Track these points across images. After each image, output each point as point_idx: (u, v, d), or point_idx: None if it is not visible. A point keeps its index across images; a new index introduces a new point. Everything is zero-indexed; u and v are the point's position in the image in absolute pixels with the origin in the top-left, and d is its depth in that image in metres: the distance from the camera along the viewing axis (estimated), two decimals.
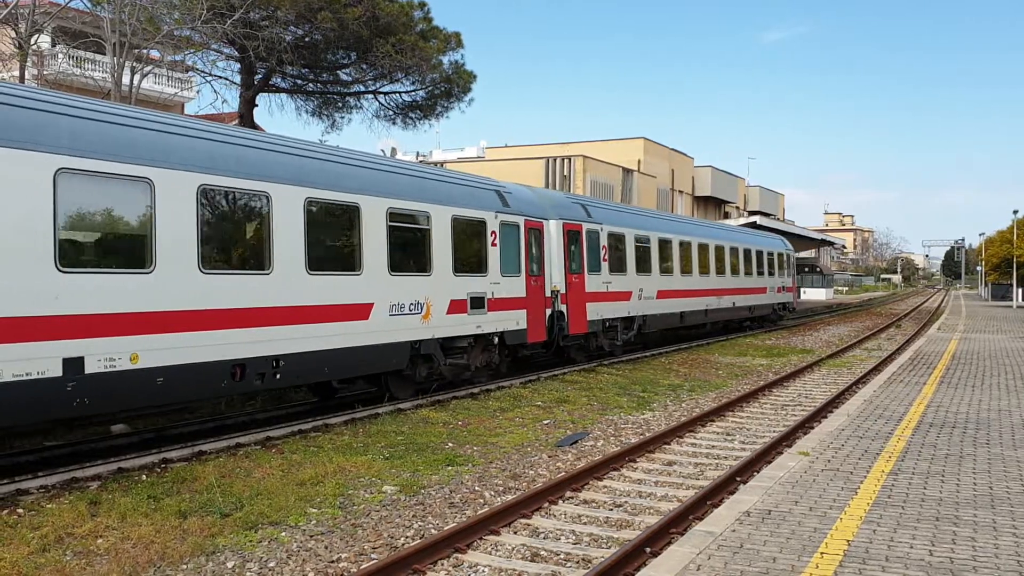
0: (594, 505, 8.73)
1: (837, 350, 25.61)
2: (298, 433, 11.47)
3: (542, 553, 7.22)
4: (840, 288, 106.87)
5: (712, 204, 66.50)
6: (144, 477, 9.17)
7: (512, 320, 16.33)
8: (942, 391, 13.96)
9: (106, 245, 9.29)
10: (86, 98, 10.14)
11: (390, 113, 30.93)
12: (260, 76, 27.70)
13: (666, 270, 23.97)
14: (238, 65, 27.60)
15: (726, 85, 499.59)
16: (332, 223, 12.28)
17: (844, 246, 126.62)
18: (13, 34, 22.50)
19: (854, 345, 27.79)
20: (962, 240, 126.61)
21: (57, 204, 8.58)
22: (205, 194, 10.20)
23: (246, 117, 27.68)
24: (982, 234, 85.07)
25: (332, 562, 6.92)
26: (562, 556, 7.17)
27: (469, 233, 15.23)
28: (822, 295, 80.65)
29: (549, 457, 10.79)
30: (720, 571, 5.53)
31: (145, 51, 23.80)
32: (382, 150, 48.22)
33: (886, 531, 6.36)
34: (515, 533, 7.76)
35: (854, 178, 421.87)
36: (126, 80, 22.25)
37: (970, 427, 10.66)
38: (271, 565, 6.84)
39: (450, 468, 9.96)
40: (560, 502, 8.74)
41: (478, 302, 15.23)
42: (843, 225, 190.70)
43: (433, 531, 7.72)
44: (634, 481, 9.72)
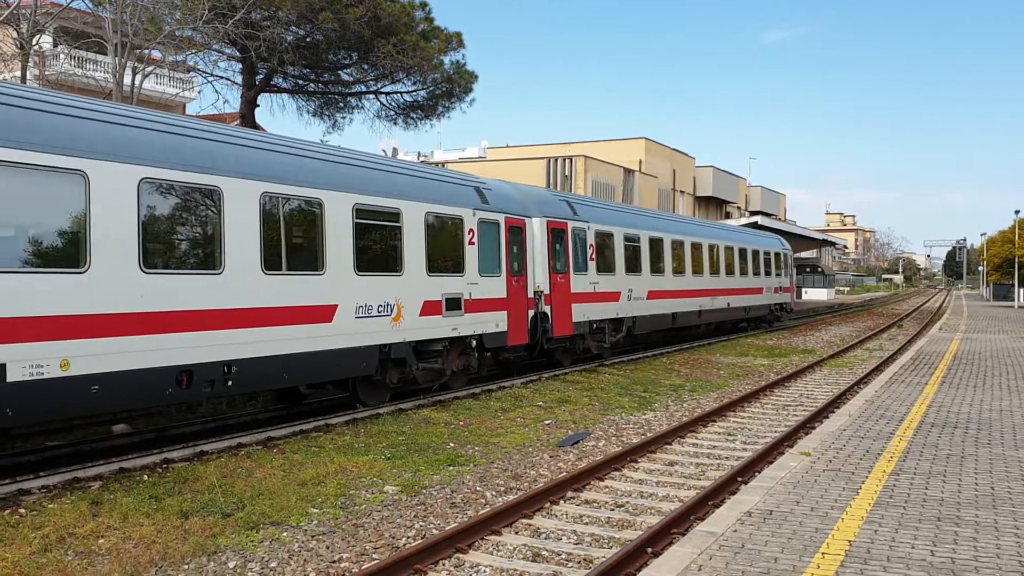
0: (595, 505, 8.73)
1: (838, 350, 25.59)
2: (300, 433, 11.48)
3: (543, 553, 7.22)
4: (842, 288, 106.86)
5: (713, 204, 66.47)
6: (146, 477, 9.19)
7: (491, 322, 15.65)
8: (944, 391, 13.96)
9: (33, 243, 8.55)
10: (11, 84, 9.52)
11: (391, 113, 30.99)
12: (261, 76, 27.74)
13: (657, 270, 23.27)
14: (239, 65, 27.65)
15: (727, 85, 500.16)
16: (291, 220, 11.51)
17: (845, 246, 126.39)
18: (15, 34, 22.52)
19: (855, 345, 27.76)
20: (964, 240, 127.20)
21: None
22: (147, 188, 9.51)
23: (247, 117, 27.71)
24: (983, 234, 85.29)
25: (334, 562, 6.93)
26: (563, 556, 7.18)
27: (445, 231, 14.56)
28: (824, 295, 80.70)
29: (550, 457, 10.79)
30: (721, 571, 5.53)
31: (147, 51, 23.81)
32: (383, 150, 48.25)
33: (888, 531, 6.36)
34: (516, 533, 7.76)
35: (855, 178, 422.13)
36: (128, 81, 22.28)
37: (972, 427, 10.66)
38: (272, 565, 6.84)
39: (451, 468, 9.97)
40: (561, 502, 8.74)
41: (454, 303, 14.58)
42: (844, 225, 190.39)
43: (434, 531, 7.73)
44: (635, 481, 9.72)
